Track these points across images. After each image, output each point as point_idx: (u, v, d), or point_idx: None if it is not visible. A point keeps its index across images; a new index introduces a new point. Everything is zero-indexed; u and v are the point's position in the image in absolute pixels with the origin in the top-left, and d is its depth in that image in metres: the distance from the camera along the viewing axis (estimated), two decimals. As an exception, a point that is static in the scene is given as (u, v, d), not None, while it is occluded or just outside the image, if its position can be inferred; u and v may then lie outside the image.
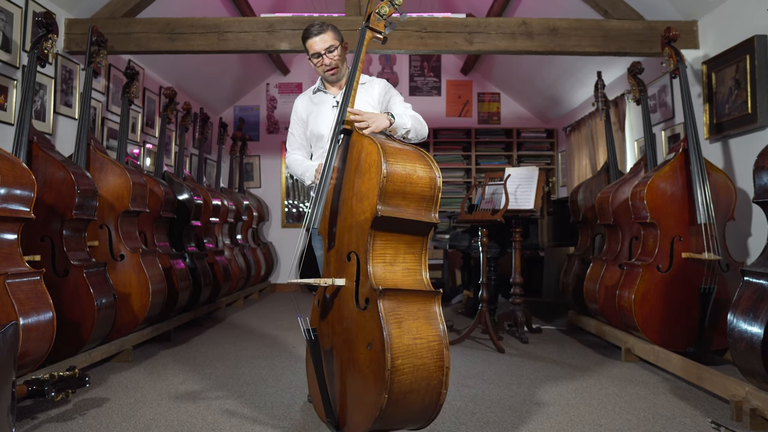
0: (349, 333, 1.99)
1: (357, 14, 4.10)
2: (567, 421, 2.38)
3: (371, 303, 1.88)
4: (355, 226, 2.00)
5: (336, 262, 2.11)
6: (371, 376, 1.85)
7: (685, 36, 3.94)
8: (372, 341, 1.85)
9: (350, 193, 2.05)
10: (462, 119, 7.57)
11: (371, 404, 1.84)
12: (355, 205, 2.01)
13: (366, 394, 1.89)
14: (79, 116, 3.66)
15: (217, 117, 7.17)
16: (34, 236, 2.93)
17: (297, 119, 2.65)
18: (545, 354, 3.67)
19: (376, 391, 1.82)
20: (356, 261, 1.98)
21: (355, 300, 1.95)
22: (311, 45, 2.44)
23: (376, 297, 1.84)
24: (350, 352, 1.98)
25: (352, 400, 1.99)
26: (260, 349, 3.77)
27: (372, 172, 1.94)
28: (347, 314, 2.01)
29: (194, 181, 5.31)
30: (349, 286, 2.00)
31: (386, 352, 1.78)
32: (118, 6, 4.16)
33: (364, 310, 1.91)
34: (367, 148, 2.01)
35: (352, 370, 1.97)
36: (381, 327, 1.81)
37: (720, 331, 3.19)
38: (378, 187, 1.88)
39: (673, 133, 4.33)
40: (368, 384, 1.87)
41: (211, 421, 2.37)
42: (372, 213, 1.90)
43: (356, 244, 1.99)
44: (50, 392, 2.28)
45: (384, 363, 1.77)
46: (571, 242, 4.99)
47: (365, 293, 1.92)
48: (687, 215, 3.30)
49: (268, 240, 7.42)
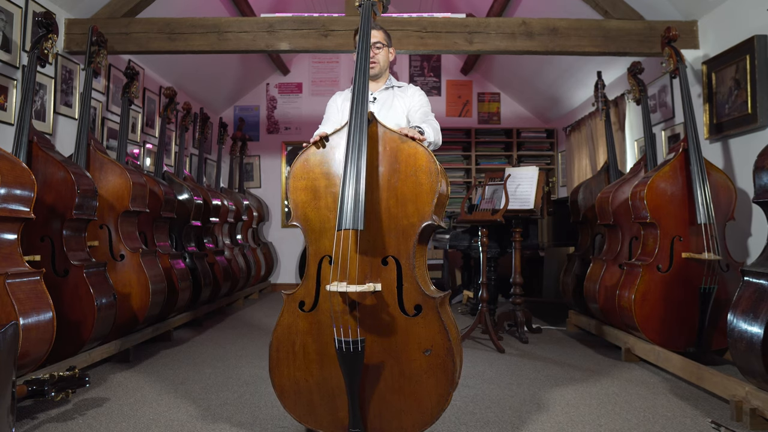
0: (394, 341, 1.96)
1: (357, 14, 4.09)
2: (567, 421, 2.38)
3: (426, 310, 1.94)
4: (396, 229, 1.96)
5: (362, 264, 1.98)
6: (431, 379, 1.93)
7: (685, 36, 3.94)
8: (432, 347, 1.93)
9: (386, 193, 1.98)
10: (462, 119, 7.57)
11: (433, 405, 1.94)
12: (395, 207, 1.97)
13: (422, 398, 1.94)
14: (79, 116, 3.66)
15: (217, 117, 7.17)
16: (34, 236, 2.93)
17: (334, 108, 2.62)
18: (545, 354, 3.67)
19: (438, 393, 1.92)
20: (395, 265, 1.95)
21: (400, 307, 1.95)
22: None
23: (435, 305, 1.93)
24: (396, 360, 1.96)
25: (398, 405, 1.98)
26: (260, 349, 3.77)
27: (420, 178, 1.96)
28: (388, 322, 1.96)
29: (194, 181, 5.31)
30: (388, 292, 1.95)
31: (455, 356, 1.93)
32: (118, 6, 4.16)
33: (415, 316, 1.95)
34: (410, 151, 1.98)
35: (401, 377, 1.97)
36: (445, 333, 1.92)
37: (720, 331, 3.20)
38: (434, 196, 1.94)
39: (673, 133, 4.33)
40: (426, 388, 1.94)
41: (211, 421, 2.37)
42: (422, 220, 1.95)
43: (396, 248, 1.96)
44: (50, 392, 2.28)
45: (453, 366, 1.92)
46: (571, 242, 4.99)
47: (414, 300, 1.95)
48: (687, 215, 3.30)
49: (268, 240, 7.42)
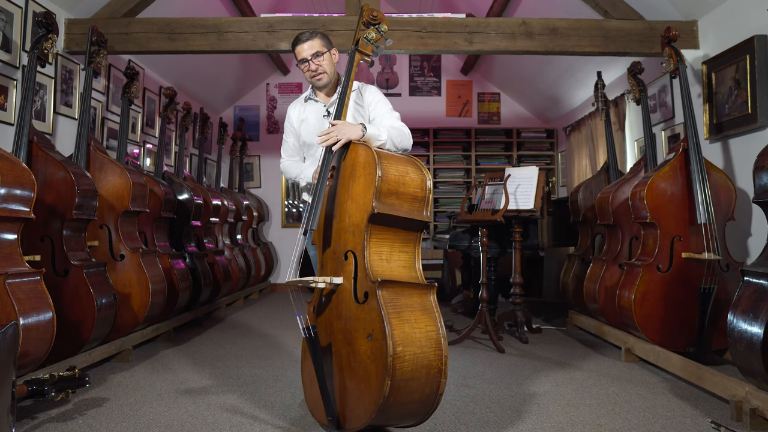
0: (348, 328, 2.05)
1: (357, 14, 4.09)
2: (567, 420, 2.38)
3: (371, 296, 1.97)
4: (351, 226, 2.11)
5: (332, 263, 2.19)
6: (373, 365, 1.92)
7: (685, 36, 3.94)
8: (372, 331, 1.94)
9: (345, 196, 2.16)
10: (462, 119, 7.57)
11: (374, 393, 1.91)
12: (351, 207, 2.13)
13: (368, 385, 1.95)
14: (79, 116, 3.66)
15: (217, 117, 7.17)
16: (34, 236, 2.93)
17: (290, 127, 2.69)
18: (545, 354, 3.67)
19: (378, 379, 1.89)
20: (353, 259, 2.07)
21: (354, 295, 2.04)
22: (299, 51, 2.49)
23: (375, 288, 1.95)
24: (350, 346, 2.03)
25: (353, 394, 2.03)
26: (260, 349, 3.77)
27: (366, 174, 2.08)
28: (346, 310, 2.07)
29: (194, 181, 5.31)
30: (347, 284, 2.09)
31: (387, 340, 1.87)
32: (118, 6, 4.15)
33: (364, 303, 2.00)
34: (361, 154, 2.14)
35: (353, 363, 2.02)
36: (381, 316, 1.91)
37: (720, 331, 3.20)
38: (374, 186, 2.02)
39: (673, 133, 4.33)
40: (370, 374, 1.94)
41: (211, 420, 2.37)
42: (368, 211, 2.02)
43: (353, 243, 2.09)
44: (50, 392, 2.28)
45: (386, 350, 1.86)
46: (571, 242, 4.99)
47: (364, 287, 2.01)
48: (687, 215, 3.30)
49: (268, 240, 7.42)
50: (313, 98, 2.62)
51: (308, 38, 2.48)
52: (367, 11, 2.38)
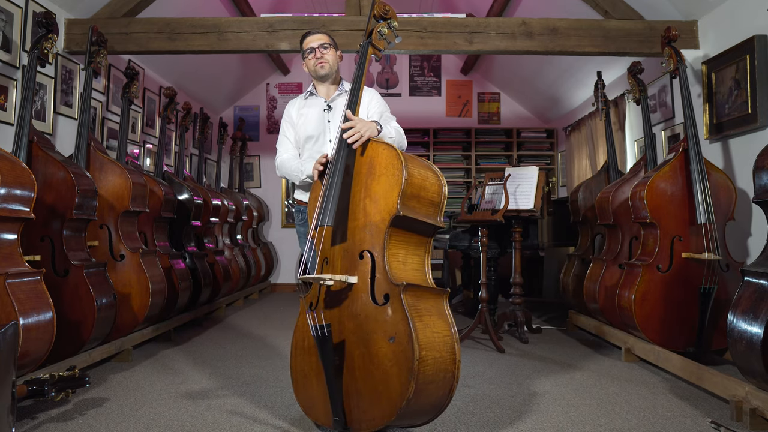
0: (365, 329, 2.02)
1: (357, 14, 4.10)
2: (567, 420, 2.38)
3: (392, 298, 1.97)
4: (369, 225, 2.10)
5: (344, 260, 2.15)
6: (394, 368, 1.92)
7: (685, 36, 3.94)
8: (395, 335, 1.94)
9: (363, 194, 2.15)
10: (462, 119, 7.57)
11: (394, 396, 1.91)
12: (369, 206, 2.11)
13: (386, 387, 1.94)
14: (79, 116, 3.66)
15: (217, 117, 7.17)
16: (34, 236, 2.93)
17: (289, 122, 2.72)
18: (545, 354, 3.67)
19: (400, 382, 1.90)
20: (370, 259, 2.06)
21: (371, 296, 2.03)
22: (308, 41, 2.61)
23: (399, 292, 1.95)
24: (366, 347, 2.01)
25: (368, 396, 2.00)
26: (260, 349, 3.77)
27: (390, 175, 2.08)
28: (361, 311, 2.05)
29: (194, 181, 5.31)
30: (363, 284, 2.06)
31: (414, 344, 1.88)
32: (118, 6, 4.15)
33: (383, 305, 1.99)
34: (382, 153, 2.14)
35: (369, 365, 2.00)
36: (407, 320, 1.92)
37: (720, 331, 3.20)
38: (399, 187, 2.03)
39: (673, 133, 4.33)
40: (390, 377, 1.93)
41: (211, 420, 2.37)
42: (390, 213, 2.04)
43: (370, 243, 2.08)
44: (50, 392, 2.28)
45: (412, 354, 1.88)
46: (571, 242, 4.99)
47: (383, 289, 2.01)
48: (687, 215, 3.30)
49: (268, 240, 7.42)
50: (314, 93, 2.69)
51: (318, 31, 2.66)
52: (379, 4, 2.38)
